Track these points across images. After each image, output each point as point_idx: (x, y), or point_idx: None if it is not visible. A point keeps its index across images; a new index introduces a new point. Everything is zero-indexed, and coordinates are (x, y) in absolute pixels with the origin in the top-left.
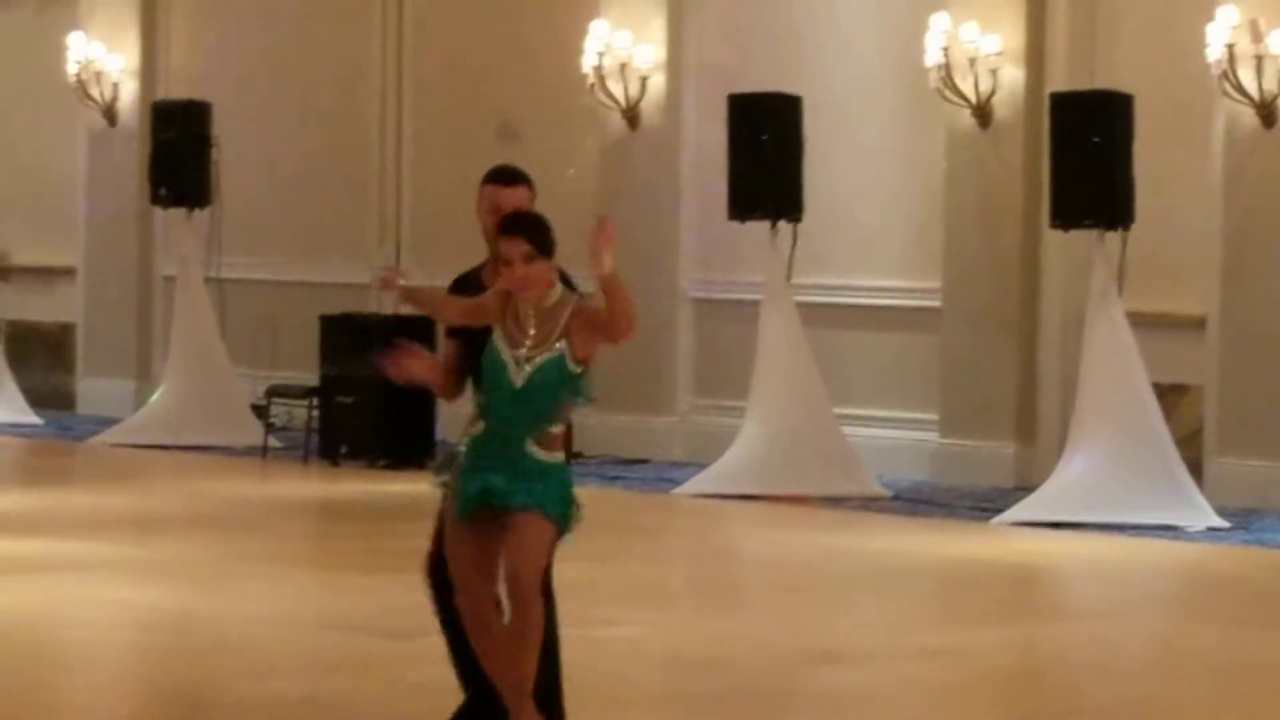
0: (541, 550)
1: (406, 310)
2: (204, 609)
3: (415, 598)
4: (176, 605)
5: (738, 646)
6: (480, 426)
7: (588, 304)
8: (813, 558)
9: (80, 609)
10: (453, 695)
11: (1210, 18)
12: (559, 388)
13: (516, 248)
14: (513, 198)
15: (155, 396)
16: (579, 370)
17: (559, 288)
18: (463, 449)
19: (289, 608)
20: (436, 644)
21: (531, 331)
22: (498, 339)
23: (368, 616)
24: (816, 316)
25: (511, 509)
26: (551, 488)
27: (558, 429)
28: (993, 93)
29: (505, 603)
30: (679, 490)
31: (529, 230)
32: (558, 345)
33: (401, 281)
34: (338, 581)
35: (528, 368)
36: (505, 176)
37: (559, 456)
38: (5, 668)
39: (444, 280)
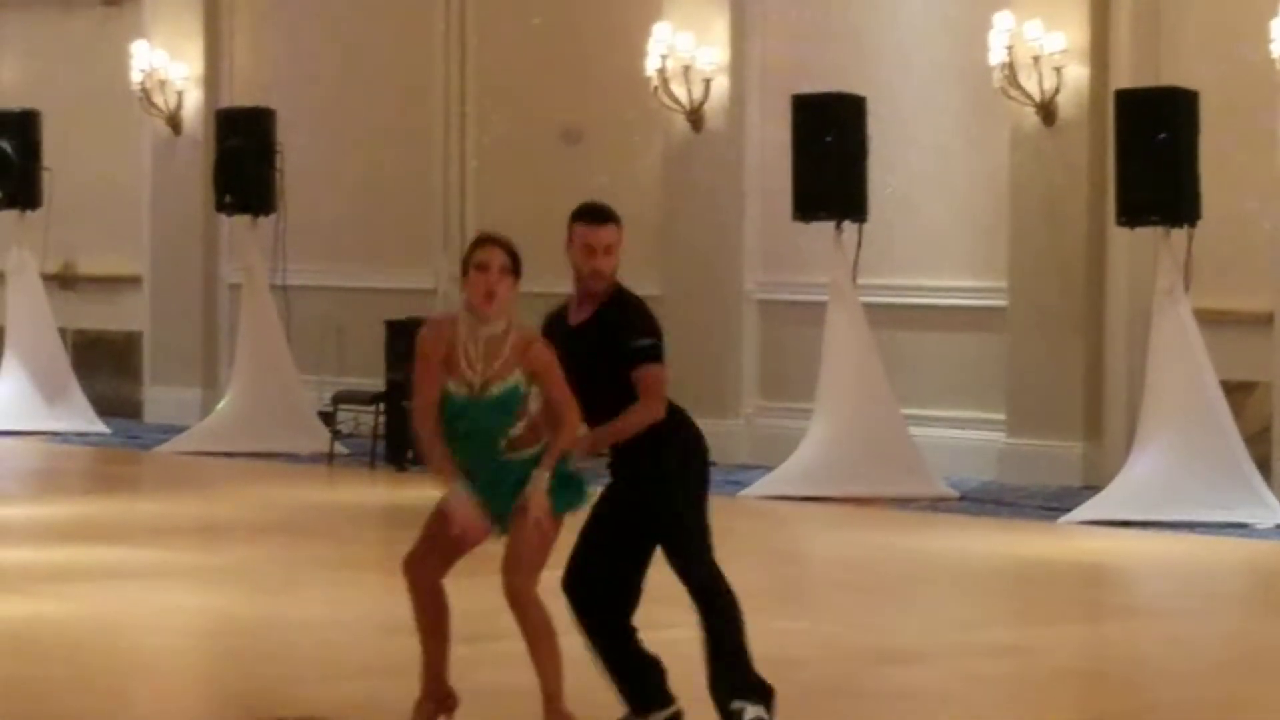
0: (533, 559)
1: None
2: (270, 614)
3: (479, 602)
4: (244, 611)
5: (806, 646)
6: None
7: (535, 349)
8: (880, 558)
9: (149, 615)
10: (517, 699)
11: (1274, 13)
12: (516, 406)
13: (496, 257)
14: (604, 236)
15: (222, 404)
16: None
17: (507, 318)
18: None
19: (355, 612)
20: (500, 649)
21: (479, 366)
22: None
23: None
24: (882, 317)
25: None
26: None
27: (521, 427)
28: (1057, 91)
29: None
30: (745, 493)
31: (508, 245)
32: (511, 377)
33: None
34: (403, 586)
35: (483, 400)
36: (595, 215)
37: (536, 449)
38: (76, 674)
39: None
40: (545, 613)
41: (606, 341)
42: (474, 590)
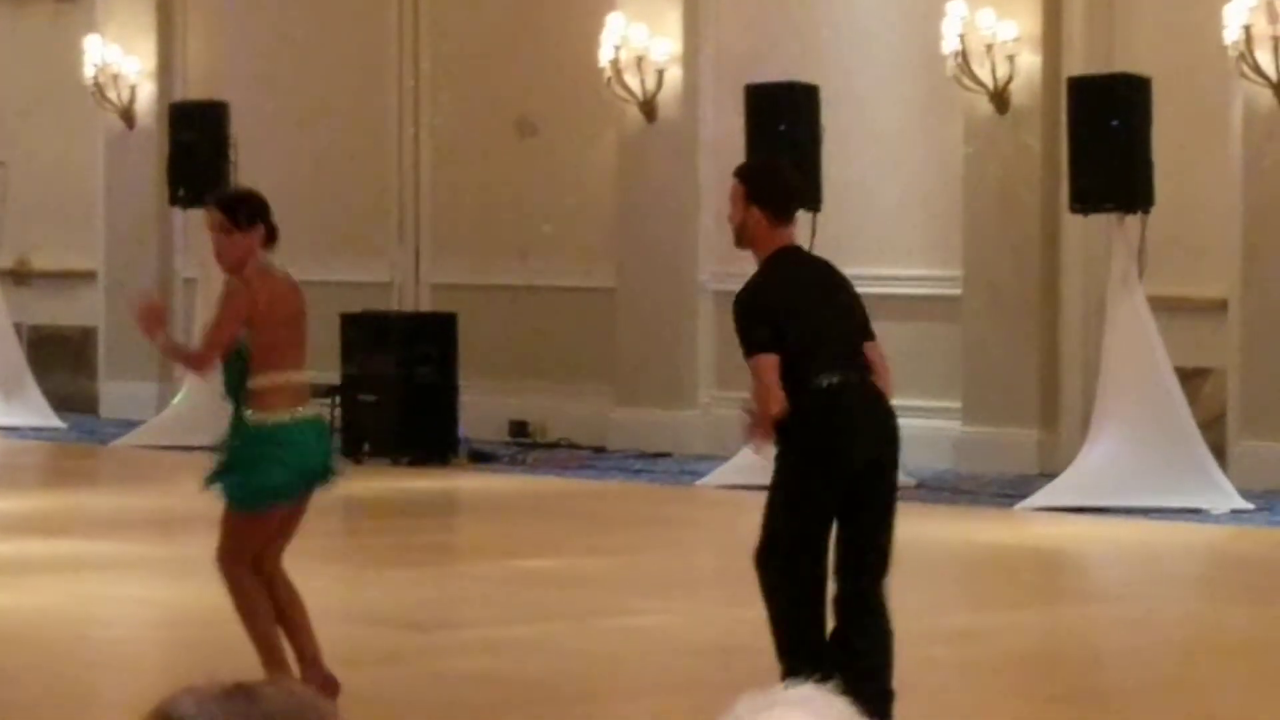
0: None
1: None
2: (229, 606)
3: (439, 591)
4: (202, 603)
5: (761, 634)
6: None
7: (230, 290)
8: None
9: (107, 607)
10: (474, 686)
11: None
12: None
13: (212, 218)
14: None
15: (178, 398)
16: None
17: (261, 263)
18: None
19: (314, 603)
20: (459, 636)
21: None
22: None
23: (393, 610)
24: None
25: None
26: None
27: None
28: (1010, 79)
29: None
30: (702, 482)
31: (223, 202)
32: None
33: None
34: (363, 576)
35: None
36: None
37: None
38: (35, 664)
39: (465, 278)
40: (237, 584)
41: None
42: (432, 580)
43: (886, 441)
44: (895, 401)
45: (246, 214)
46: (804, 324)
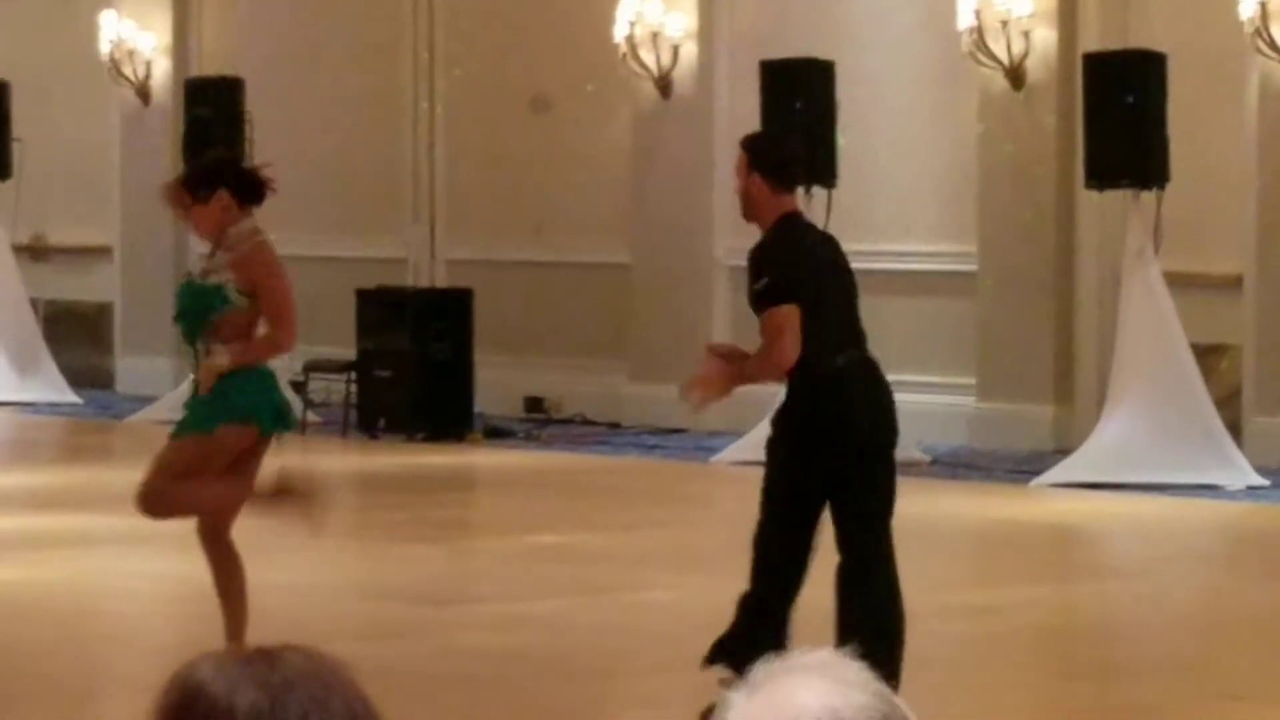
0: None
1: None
2: (247, 580)
3: (454, 566)
4: None
5: None
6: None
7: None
8: None
9: (122, 582)
10: (489, 661)
11: None
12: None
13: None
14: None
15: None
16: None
17: (238, 227)
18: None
19: (330, 578)
20: (473, 611)
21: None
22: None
23: (408, 585)
24: None
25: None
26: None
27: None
28: (1025, 55)
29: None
30: (717, 458)
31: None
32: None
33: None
34: (377, 551)
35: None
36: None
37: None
38: (50, 639)
39: (480, 254)
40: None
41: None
42: (447, 555)
43: (890, 422)
44: (910, 377)
45: (197, 185)
46: (819, 297)
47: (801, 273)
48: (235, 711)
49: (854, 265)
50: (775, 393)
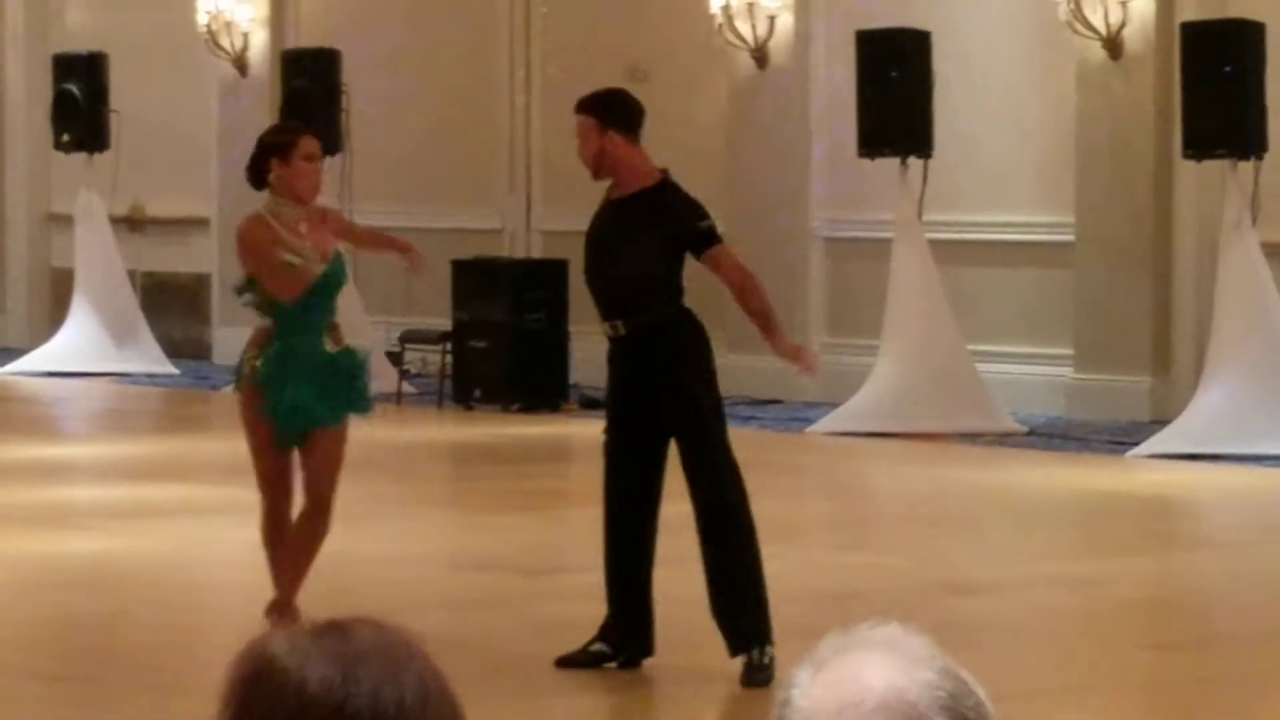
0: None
1: None
2: (340, 550)
3: (548, 536)
4: None
5: (873, 579)
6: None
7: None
8: (947, 493)
9: (220, 551)
10: (582, 632)
11: None
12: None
13: (312, 147)
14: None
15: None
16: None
17: None
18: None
19: (424, 548)
20: (568, 582)
21: (305, 231)
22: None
23: (501, 555)
24: (948, 253)
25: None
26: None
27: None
28: (1123, 24)
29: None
30: (813, 429)
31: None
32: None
33: None
34: (472, 522)
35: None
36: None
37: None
38: (149, 608)
39: (576, 225)
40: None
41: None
42: (541, 526)
43: None
44: (1007, 348)
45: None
46: None
47: None
48: (306, 685)
49: (950, 236)
50: (870, 365)
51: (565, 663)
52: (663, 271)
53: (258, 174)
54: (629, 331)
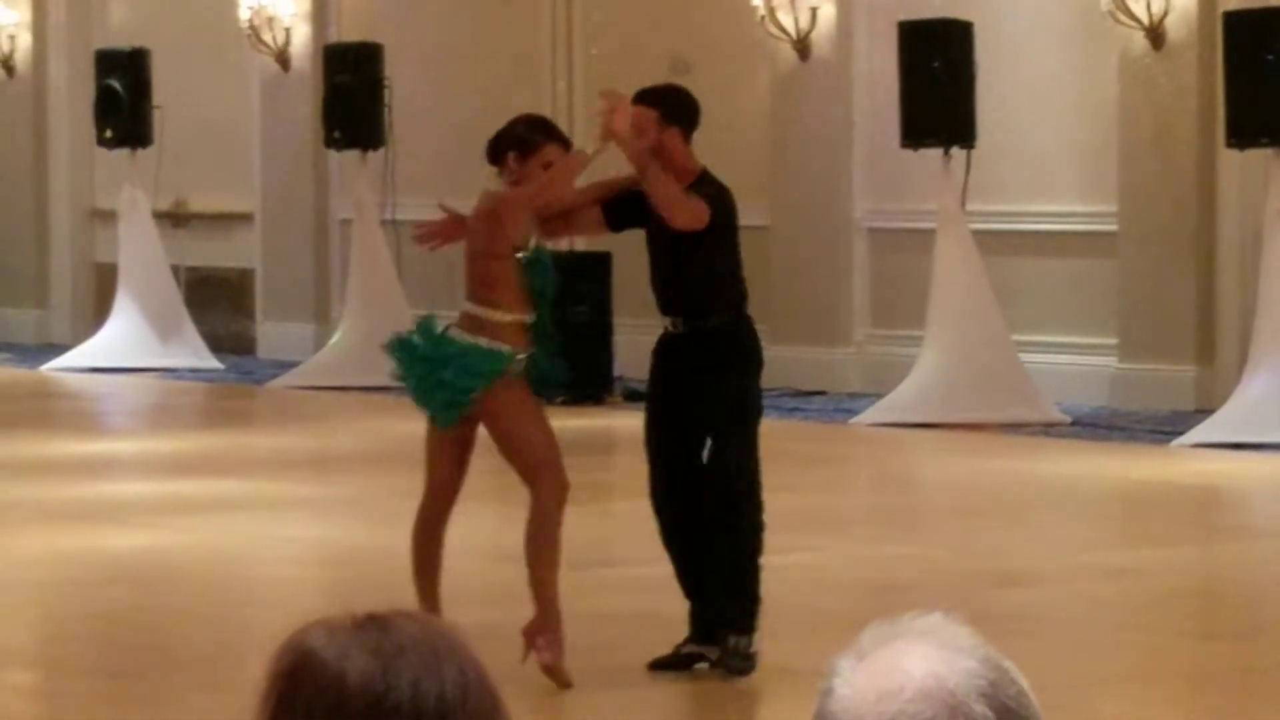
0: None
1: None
2: (384, 544)
3: (593, 529)
4: (357, 541)
5: (918, 570)
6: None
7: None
8: (992, 483)
9: (264, 546)
10: (628, 625)
11: None
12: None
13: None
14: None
15: (334, 339)
16: None
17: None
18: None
19: (466, 541)
20: (611, 575)
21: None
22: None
23: None
24: (992, 243)
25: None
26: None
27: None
28: (1166, 13)
29: None
30: (857, 420)
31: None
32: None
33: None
34: (515, 515)
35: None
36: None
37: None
38: (193, 603)
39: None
40: None
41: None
42: (587, 518)
43: None
44: (1051, 338)
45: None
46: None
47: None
48: (345, 678)
49: (993, 226)
50: (914, 355)
51: (658, 665)
52: (726, 270)
53: (496, 153)
54: (689, 331)
